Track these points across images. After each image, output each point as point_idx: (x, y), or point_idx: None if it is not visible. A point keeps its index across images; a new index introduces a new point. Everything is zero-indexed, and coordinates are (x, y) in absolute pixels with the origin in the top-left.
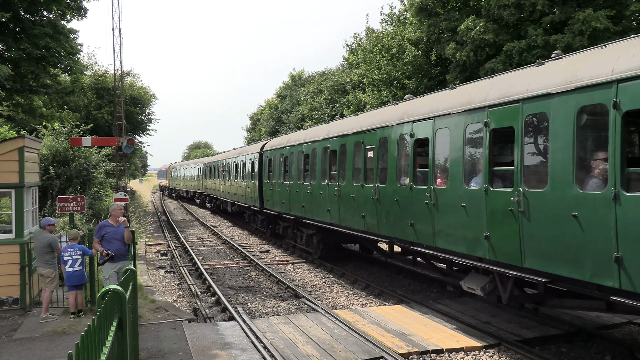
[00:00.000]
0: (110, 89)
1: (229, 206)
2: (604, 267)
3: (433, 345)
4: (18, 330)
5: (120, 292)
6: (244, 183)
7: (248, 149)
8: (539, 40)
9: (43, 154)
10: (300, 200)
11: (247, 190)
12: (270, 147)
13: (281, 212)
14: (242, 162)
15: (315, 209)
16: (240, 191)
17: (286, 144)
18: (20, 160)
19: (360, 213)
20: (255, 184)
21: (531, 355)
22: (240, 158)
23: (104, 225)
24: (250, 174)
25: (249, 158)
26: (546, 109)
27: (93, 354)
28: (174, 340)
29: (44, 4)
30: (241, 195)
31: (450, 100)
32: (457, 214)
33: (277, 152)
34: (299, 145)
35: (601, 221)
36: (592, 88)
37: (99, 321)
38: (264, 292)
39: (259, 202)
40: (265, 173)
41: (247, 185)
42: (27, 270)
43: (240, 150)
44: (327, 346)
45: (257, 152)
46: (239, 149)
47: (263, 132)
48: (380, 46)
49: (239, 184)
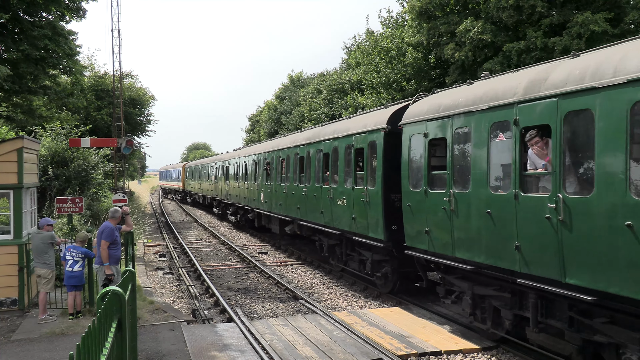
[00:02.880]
0: (110, 90)
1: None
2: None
3: (432, 347)
4: (16, 332)
5: (119, 294)
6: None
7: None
8: (538, 42)
9: (42, 155)
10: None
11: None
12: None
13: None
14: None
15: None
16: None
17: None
18: (19, 161)
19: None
20: (375, 193)
21: (529, 357)
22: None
23: (113, 228)
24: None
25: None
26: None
27: (93, 355)
28: (172, 341)
29: (42, 5)
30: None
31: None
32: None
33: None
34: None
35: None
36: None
37: (99, 322)
38: (263, 294)
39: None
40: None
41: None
42: (25, 271)
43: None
44: (326, 348)
45: (381, 126)
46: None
47: (262, 133)
48: (379, 48)
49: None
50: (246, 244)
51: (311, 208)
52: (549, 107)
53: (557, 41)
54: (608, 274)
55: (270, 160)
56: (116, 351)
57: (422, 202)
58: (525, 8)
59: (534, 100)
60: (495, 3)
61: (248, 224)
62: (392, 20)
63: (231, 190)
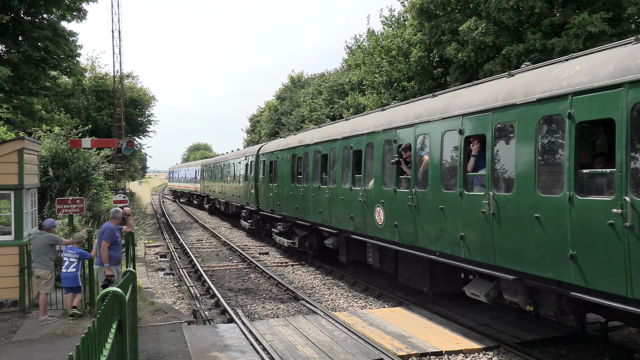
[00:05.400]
0: (110, 91)
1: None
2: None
3: (432, 347)
4: (17, 332)
5: (120, 294)
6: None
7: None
8: (537, 44)
9: (42, 156)
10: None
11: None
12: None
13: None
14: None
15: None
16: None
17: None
18: (19, 162)
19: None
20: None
21: (530, 357)
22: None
23: (114, 229)
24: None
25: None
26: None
27: (93, 355)
28: (173, 342)
29: (43, 5)
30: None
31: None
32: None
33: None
34: None
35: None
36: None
37: (99, 323)
38: (264, 294)
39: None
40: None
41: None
42: (26, 272)
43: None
44: (327, 348)
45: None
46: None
47: (263, 134)
48: (380, 48)
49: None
50: (247, 245)
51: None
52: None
53: (556, 42)
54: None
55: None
56: (116, 352)
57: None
58: (525, 9)
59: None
60: (495, 4)
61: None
62: (393, 20)
63: (290, 198)
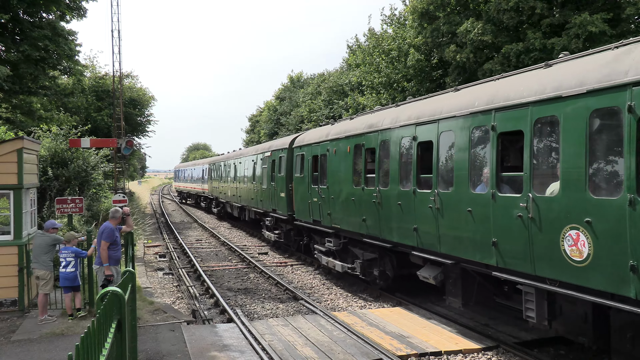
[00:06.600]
0: (110, 91)
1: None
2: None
3: (432, 347)
4: (16, 332)
5: (119, 294)
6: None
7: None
8: (537, 43)
9: (41, 155)
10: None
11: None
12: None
13: None
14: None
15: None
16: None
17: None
18: (19, 162)
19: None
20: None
21: (529, 357)
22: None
23: (113, 228)
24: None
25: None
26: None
27: (92, 355)
28: (172, 342)
29: (43, 5)
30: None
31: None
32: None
33: None
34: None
35: None
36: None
37: (99, 323)
38: (263, 294)
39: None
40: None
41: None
42: (25, 271)
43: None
44: (326, 348)
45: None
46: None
47: (262, 134)
48: (380, 49)
49: None
50: (246, 245)
51: None
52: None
53: (556, 42)
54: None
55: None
56: (116, 352)
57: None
58: (525, 10)
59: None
60: (495, 5)
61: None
62: (394, 19)
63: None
